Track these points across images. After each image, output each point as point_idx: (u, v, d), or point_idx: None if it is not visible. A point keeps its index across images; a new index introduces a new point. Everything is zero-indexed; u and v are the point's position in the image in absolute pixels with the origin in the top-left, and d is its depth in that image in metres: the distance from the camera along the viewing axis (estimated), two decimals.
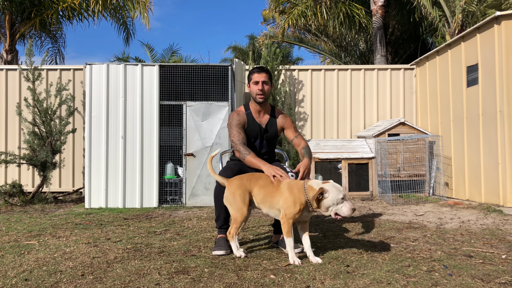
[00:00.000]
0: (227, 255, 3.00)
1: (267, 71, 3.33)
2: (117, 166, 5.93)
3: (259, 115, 3.35)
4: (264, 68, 3.34)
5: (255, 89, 3.26)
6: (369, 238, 3.59)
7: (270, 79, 3.33)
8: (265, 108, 3.36)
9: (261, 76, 3.27)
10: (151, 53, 18.62)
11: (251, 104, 3.37)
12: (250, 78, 3.33)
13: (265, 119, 3.35)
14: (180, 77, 6.10)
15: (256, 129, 3.32)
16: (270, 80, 3.32)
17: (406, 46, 12.67)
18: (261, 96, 3.26)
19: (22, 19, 9.47)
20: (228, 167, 3.25)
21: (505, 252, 3.08)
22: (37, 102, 6.18)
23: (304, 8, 10.61)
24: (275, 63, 6.99)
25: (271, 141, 3.40)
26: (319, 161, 6.53)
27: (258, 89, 3.25)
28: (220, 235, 3.16)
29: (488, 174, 5.42)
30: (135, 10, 9.41)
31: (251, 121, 3.31)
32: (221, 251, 3.01)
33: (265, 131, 3.33)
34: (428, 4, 8.46)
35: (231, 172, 3.18)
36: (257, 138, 3.33)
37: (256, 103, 3.30)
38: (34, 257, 3.02)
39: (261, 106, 3.32)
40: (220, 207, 3.16)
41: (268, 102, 3.40)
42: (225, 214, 3.17)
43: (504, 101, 5.16)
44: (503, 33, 5.17)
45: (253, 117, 3.33)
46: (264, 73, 3.29)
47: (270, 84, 3.31)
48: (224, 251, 3.01)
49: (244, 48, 19.88)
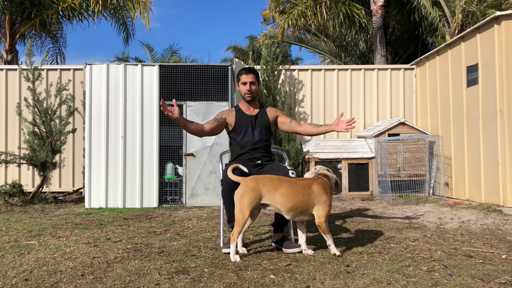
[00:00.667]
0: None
1: (254, 71, 3.54)
2: (117, 166, 5.93)
3: (248, 109, 3.56)
4: (251, 69, 3.55)
5: (244, 89, 3.50)
6: (369, 238, 3.59)
7: (258, 79, 3.57)
8: (254, 105, 3.58)
9: (249, 77, 3.50)
10: (151, 53, 18.63)
11: (241, 102, 3.61)
12: (238, 79, 3.56)
13: (255, 111, 3.56)
14: (180, 77, 6.10)
15: (247, 119, 3.49)
16: (257, 80, 3.55)
17: (406, 46, 12.67)
18: (249, 95, 3.50)
19: (22, 19, 9.47)
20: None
21: (505, 252, 3.08)
22: (37, 102, 6.18)
23: (304, 8, 10.60)
24: (275, 63, 6.99)
25: (264, 129, 3.49)
26: (319, 161, 6.53)
27: (246, 89, 3.49)
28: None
29: (488, 174, 5.42)
30: (135, 10, 9.41)
31: (240, 114, 3.52)
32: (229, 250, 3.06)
33: (256, 118, 3.51)
34: (428, 4, 8.46)
35: (234, 172, 3.21)
36: (249, 126, 3.48)
37: (245, 101, 3.54)
38: (34, 257, 3.02)
39: (250, 104, 3.55)
40: (230, 208, 3.22)
41: (256, 100, 3.64)
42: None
43: (504, 101, 5.16)
44: (503, 33, 5.17)
45: (243, 111, 3.54)
46: (251, 74, 3.51)
47: (257, 84, 3.55)
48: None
49: (244, 48, 19.88)
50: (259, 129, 3.47)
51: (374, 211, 5.12)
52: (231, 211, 3.21)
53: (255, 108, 3.56)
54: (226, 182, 3.18)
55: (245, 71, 3.51)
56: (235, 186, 3.14)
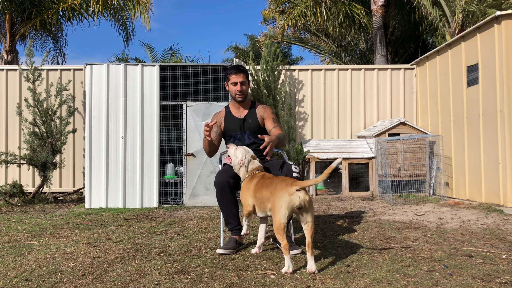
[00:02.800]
0: (229, 254, 3.05)
1: (244, 70, 3.45)
2: (117, 166, 5.93)
3: (238, 110, 3.50)
4: (240, 68, 3.44)
5: (234, 89, 3.42)
6: (369, 238, 3.58)
7: (247, 77, 3.47)
8: (244, 104, 3.51)
9: (239, 77, 3.40)
10: (151, 53, 18.63)
11: (232, 103, 3.55)
12: (228, 79, 3.46)
13: (244, 113, 3.49)
14: (180, 77, 6.10)
15: (235, 122, 3.45)
16: (247, 79, 3.46)
17: (406, 46, 12.67)
18: (240, 96, 3.43)
19: (22, 19, 9.47)
20: (222, 171, 3.29)
21: (506, 252, 3.07)
22: (38, 102, 6.18)
23: (304, 8, 10.59)
24: (275, 63, 6.99)
25: (254, 132, 3.42)
26: (319, 161, 6.53)
27: (237, 90, 3.40)
28: (233, 236, 3.20)
29: (489, 174, 5.41)
30: (135, 10, 9.41)
31: (229, 117, 3.47)
32: (226, 251, 3.06)
33: (244, 121, 3.44)
34: (428, 4, 8.46)
35: (225, 174, 3.21)
36: (237, 131, 3.44)
37: (236, 101, 3.47)
38: (34, 257, 3.02)
39: (241, 104, 3.49)
40: (225, 210, 3.20)
41: (247, 99, 3.56)
42: (231, 214, 3.21)
43: (504, 100, 5.16)
44: (503, 33, 5.17)
45: (232, 113, 3.48)
46: (241, 74, 3.41)
47: (247, 83, 3.45)
48: (229, 251, 3.07)
49: (244, 48, 19.88)
50: (248, 133, 3.42)
51: (374, 211, 5.12)
52: (227, 213, 3.21)
53: (245, 109, 3.48)
54: (219, 184, 3.17)
55: (235, 70, 3.40)
56: (228, 188, 3.14)
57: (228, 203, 3.19)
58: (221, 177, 3.18)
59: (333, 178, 6.70)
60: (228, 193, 3.16)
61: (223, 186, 3.15)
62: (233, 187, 3.19)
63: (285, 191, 2.57)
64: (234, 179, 3.20)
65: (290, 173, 3.11)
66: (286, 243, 2.54)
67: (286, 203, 2.55)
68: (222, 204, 3.19)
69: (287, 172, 3.12)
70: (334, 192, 6.66)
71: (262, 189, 2.82)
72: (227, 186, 3.15)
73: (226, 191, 3.15)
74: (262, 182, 2.88)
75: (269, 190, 2.73)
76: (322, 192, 6.51)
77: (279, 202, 2.58)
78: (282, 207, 2.55)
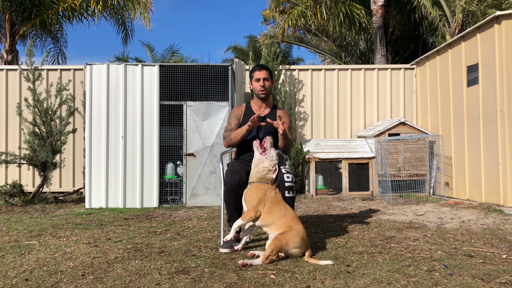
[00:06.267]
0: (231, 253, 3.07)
1: (267, 68, 3.52)
2: (117, 166, 5.93)
3: (259, 109, 3.52)
4: (264, 65, 3.54)
5: (257, 86, 3.46)
6: (369, 238, 3.58)
7: (271, 75, 3.54)
8: (267, 103, 3.54)
9: (262, 73, 3.47)
10: (151, 53, 18.62)
11: (253, 100, 3.57)
12: (251, 76, 3.53)
13: (265, 112, 3.52)
14: (180, 77, 6.10)
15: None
16: (270, 77, 3.52)
17: (406, 46, 12.67)
18: (263, 92, 3.46)
19: (22, 19, 9.47)
20: (234, 170, 3.26)
21: (506, 251, 3.07)
22: (38, 102, 6.18)
23: (304, 8, 10.60)
24: (275, 63, 6.99)
25: (268, 133, 3.41)
26: (320, 161, 6.53)
27: (260, 85, 3.45)
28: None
29: (489, 174, 5.41)
30: (135, 10, 9.41)
31: (249, 112, 3.49)
32: (227, 250, 3.09)
33: (263, 119, 3.45)
34: (428, 4, 8.46)
35: (238, 175, 3.19)
36: (254, 128, 3.42)
37: (259, 99, 3.50)
38: (34, 257, 3.02)
39: (263, 101, 3.51)
40: (231, 209, 3.23)
41: (270, 98, 3.60)
42: (237, 215, 3.23)
43: (504, 100, 5.16)
44: (503, 33, 5.17)
45: (252, 110, 3.51)
46: (264, 70, 3.49)
47: (271, 81, 3.51)
48: (231, 250, 3.09)
49: (244, 48, 19.88)
50: (263, 132, 3.41)
51: (374, 211, 5.12)
52: (233, 212, 3.22)
53: (267, 107, 3.52)
54: (231, 185, 3.17)
55: (259, 67, 3.49)
56: (241, 190, 3.15)
57: (236, 204, 3.21)
58: (233, 178, 3.18)
59: (333, 178, 6.70)
60: (239, 194, 3.17)
61: (235, 187, 3.15)
62: (244, 188, 3.19)
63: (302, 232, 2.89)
64: (245, 179, 3.21)
65: (282, 182, 3.11)
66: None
67: (301, 242, 2.86)
68: (230, 203, 3.21)
69: (279, 181, 3.12)
70: (334, 192, 6.66)
71: (276, 206, 2.98)
72: (240, 188, 3.15)
73: (238, 192, 3.16)
74: (278, 197, 3.03)
75: (284, 218, 2.94)
76: (322, 192, 6.51)
77: (296, 240, 2.84)
78: (298, 247, 2.85)
